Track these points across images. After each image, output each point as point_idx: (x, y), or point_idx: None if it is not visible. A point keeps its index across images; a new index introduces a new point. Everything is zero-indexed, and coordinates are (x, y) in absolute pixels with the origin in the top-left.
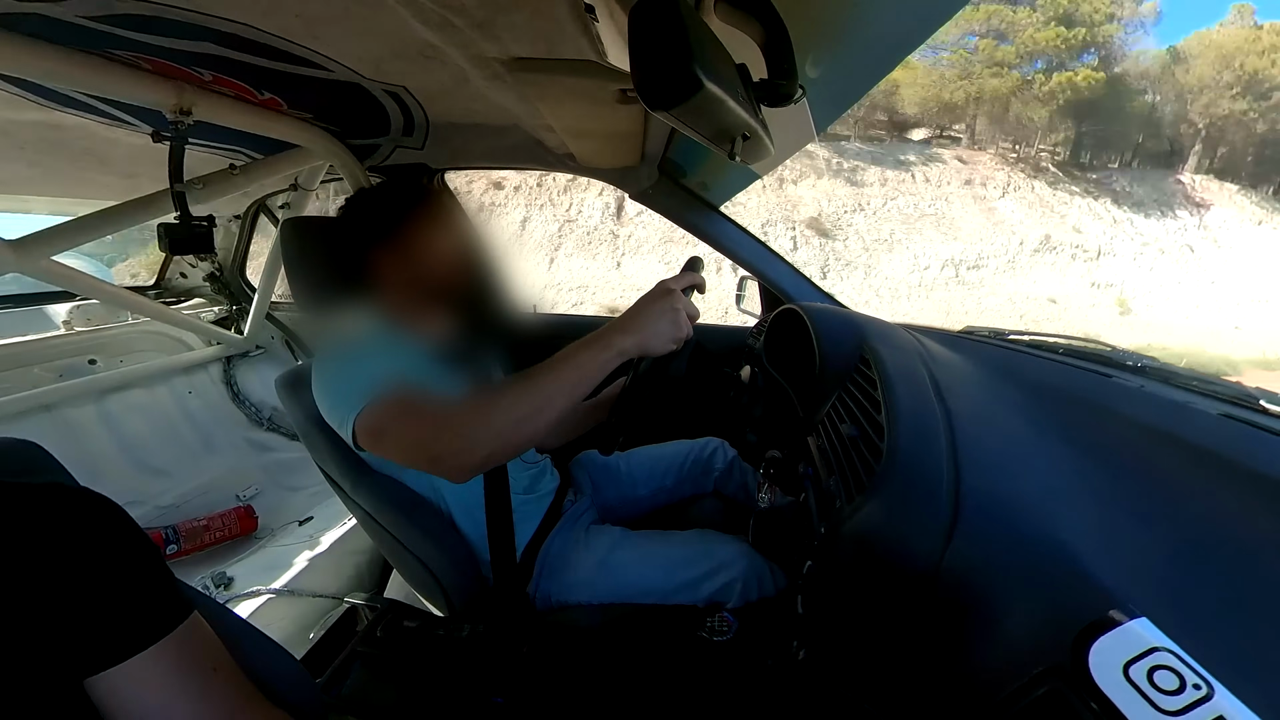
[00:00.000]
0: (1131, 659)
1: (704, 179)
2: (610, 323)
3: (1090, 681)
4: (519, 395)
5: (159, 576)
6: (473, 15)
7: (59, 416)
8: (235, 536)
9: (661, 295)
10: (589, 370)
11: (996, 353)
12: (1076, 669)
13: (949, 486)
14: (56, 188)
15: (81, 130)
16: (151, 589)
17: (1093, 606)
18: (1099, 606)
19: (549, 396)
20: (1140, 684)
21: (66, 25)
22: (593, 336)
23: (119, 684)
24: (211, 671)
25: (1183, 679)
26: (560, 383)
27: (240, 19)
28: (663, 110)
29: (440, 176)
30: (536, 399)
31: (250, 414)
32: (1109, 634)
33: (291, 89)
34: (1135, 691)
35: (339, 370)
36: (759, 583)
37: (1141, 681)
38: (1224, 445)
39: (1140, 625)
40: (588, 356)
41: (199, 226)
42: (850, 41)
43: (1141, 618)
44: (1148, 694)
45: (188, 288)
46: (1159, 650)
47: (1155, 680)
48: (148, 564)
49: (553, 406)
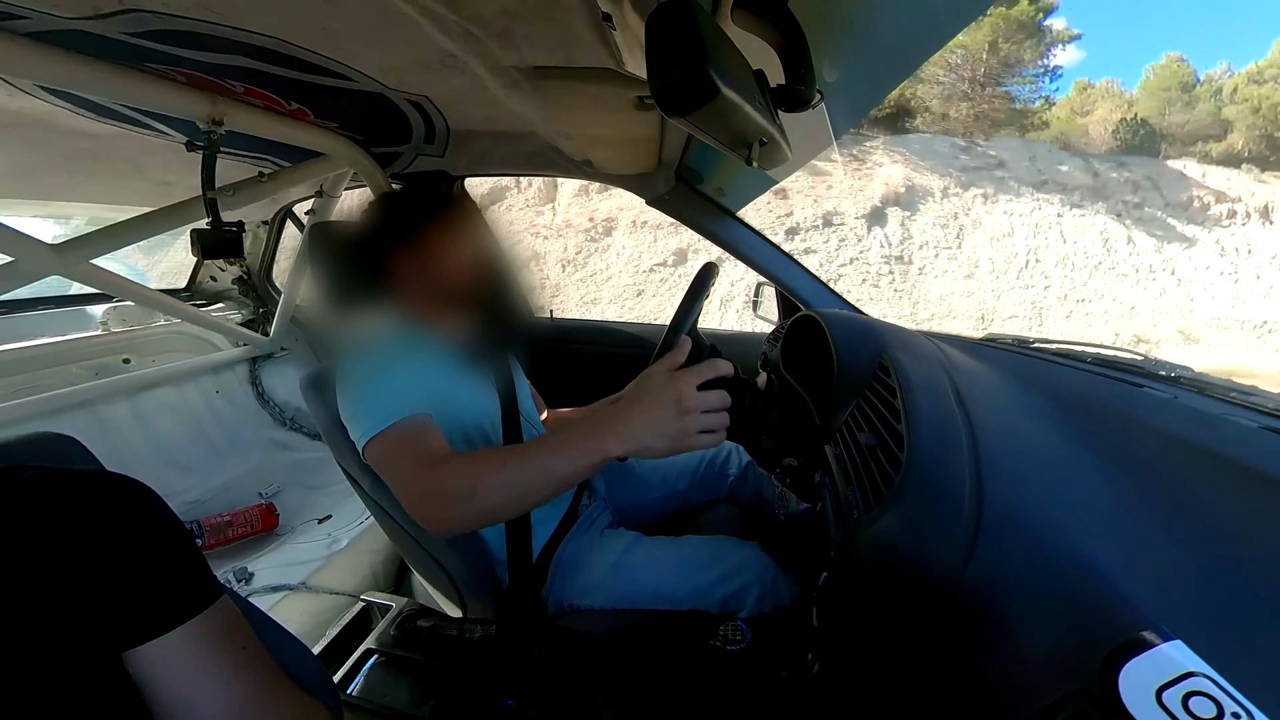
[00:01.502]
0: (1165, 684)
1: (720, 184)
2: (606, 413)
3: (1120, 706)
4: (498, 484)
5: (193, 559)
6: (492, 26)
7: (94, 413)
8: (257, 533)
9: (669, 399)
10: (571, 472)
11: (1021, 361)
12: (1106, 693)
13: (971, 497)
14: (95, 195)
15: (118, 140)
16: (186, 569)
17: (1123, 627)
18: (1130, 627)
19: (529, 488)
20: (1175, 711)
21: (107, 40)
22: (582, 432)
23: (156, 658)
24: (242, 650)
25: (1221, 707)
26: (541, 476)
27: (270, 33)
28: (680, 116)
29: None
30: (515, 491)
31: (274, 414)
32: (1141, 656)
33: (318, 99)
34: (1170, 719)
35: (363, 382)
36: (774, 591)
37: (1176, 708)
38: (1265, 460)
39: (1174, 648)
40: (574, 457)
41: (229, 232)
42: (868, 46)
43: (1176, 640)
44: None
45: (217, 290)
46: (1195, 675)
47: (1191, 707)
48: (183, 547)
49: (528, 501)
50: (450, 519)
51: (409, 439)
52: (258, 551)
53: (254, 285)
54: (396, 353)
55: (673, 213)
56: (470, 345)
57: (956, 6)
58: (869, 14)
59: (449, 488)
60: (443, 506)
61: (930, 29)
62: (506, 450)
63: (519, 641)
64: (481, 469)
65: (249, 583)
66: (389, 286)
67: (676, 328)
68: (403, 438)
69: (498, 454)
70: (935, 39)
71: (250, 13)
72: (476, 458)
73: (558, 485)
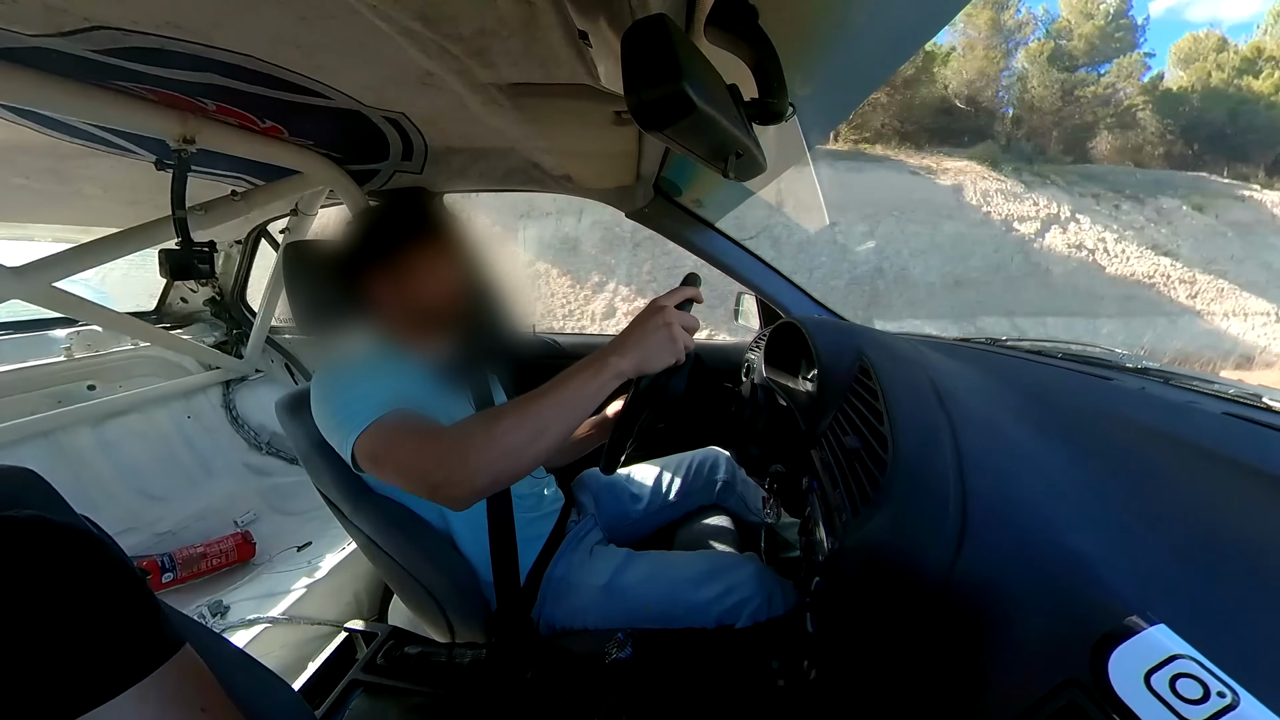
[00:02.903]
0: (1152, 668)
1: (699, 196)
2: (606, 344)
3: (1111, 693)
4: (518, 420)
5: (142, 612)
6: (469, 43)
7: (56, 443)
8: (233, 563)
9: (654, 313)
10: (587, 393)
11: (996, 359)
12: (1096, 680)
13: (956, 495)
14: (59, 215)
15: (85, 159)
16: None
17: (1109, 614)
18: (1115, 614)
19: (547, 421)
20: (1163, 694)
21: (73, 58)
22: (589, 360)
23: None
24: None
25: (1206, 687)
26: (559, 407)
27: (243, 50)
28: (657, 131)
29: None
30: (536, 424)
31: (249, 438)
32: (1128, 642)
33: (293, 117)
34: (1158, 701)
35: (340, 390)
36: (769, 602)
37: (1164, 691)
38: (1229, 444)
39: (1160, 632)
40: (584, 379)
41: (200, 252)
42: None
43: (1160, 624)
44: (1171, 704)
45: (188, 313)
46: (1181, 658)
47: (1178, 689)
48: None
49: (552, 432)
50: (476, 472)
51: (400, 422)
52: (234, 583)
53: (227, 307)
54: (374, 365)
55: (652, 225)
56: (449, 364)
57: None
58: (838, 29)
59: (469, 436)
60: (464, 460)
61: (898, 41)
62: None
63: (511, 665)
64: (496, 413)
65: (224, 616)
66: (366, 307)
67: None
68: (394, 423)
69: (506, 404)
70: (903, 50)
71: (221, 30)
72: (486, 412)
73: (574, 409)
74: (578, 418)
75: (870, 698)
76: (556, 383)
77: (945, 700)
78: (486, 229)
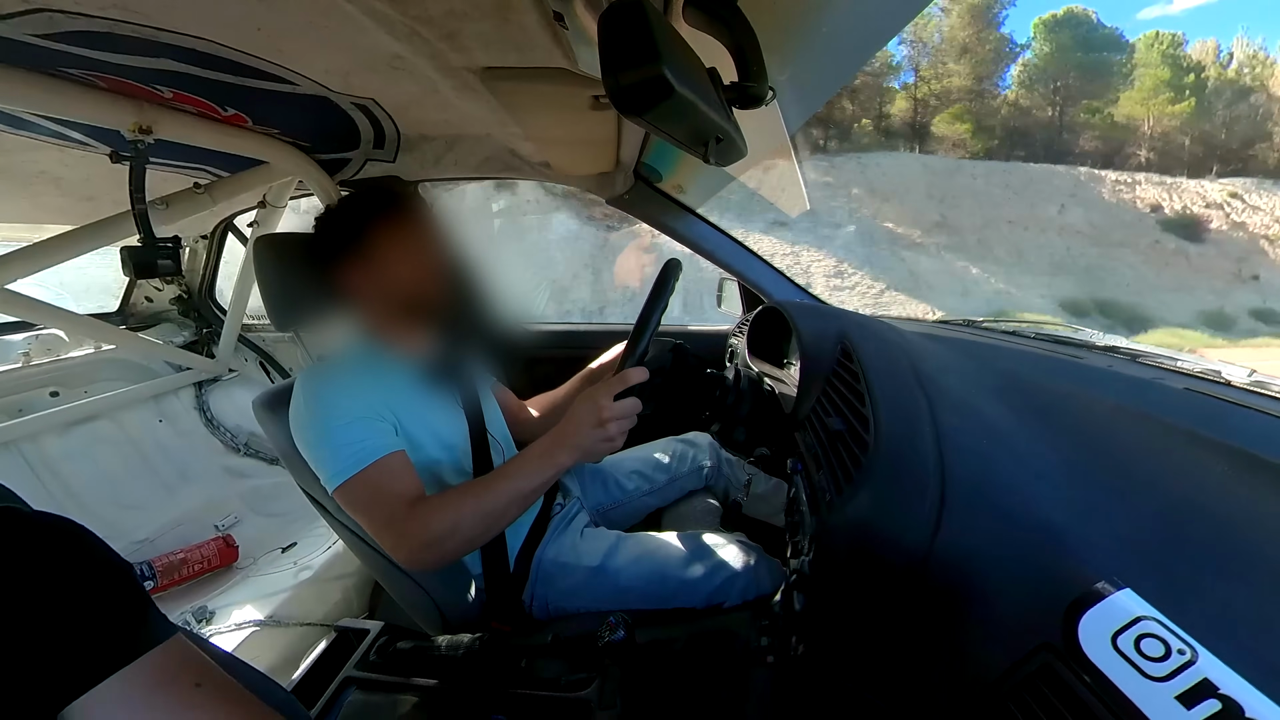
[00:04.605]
0: (1119, 629)
1: (680, 182)
2: (552, 435)
3: (1081, 654)
4: (477, 512)
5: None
6: (440, 25)
7: (18, 453)
8: (215, 568)
9: (590, 411)
10: (538, 485)
11: (972, 341)
12: (1068, 642)
13: (935, 473)
14: (7, 213)
15: (31, 153)
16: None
17: (1079, 581)
18: (1085, 580)
19: (503, 512)
20: (1128, 653)
21: (14, 44)
22: (538, 455)
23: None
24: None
25: (1168, 645)
26: (514, 502)
27: (200, 34)
28: (635, 115)
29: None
30: (494, 518)
31: (226, 440)
32: (1096, 606)
33: (256, 104)
34: (1124, 660)
35: (325, 421)
36: (757, 580)
37: (1129, 650)
38: (1189, 418)
39: (1126, 596)
40: (536, 474)
41: (164, 248)
42: (817, 43)
43: (1126, 589)
44: (1136, 662)
45: (154, 312)
46: (1144, 619)
47: (1142, 648)
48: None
49: (506, 520)
50: (436, 558)
51: (381, 482)
52: (217, 588)
53: (195, 305)
54: (355, 380)
55: (633, 211)
56: (433, 364)
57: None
58: (817, 12)
59: (431, 528)
60: (428, 547)
61: (877, 25)
62: (477, 482)
63: (505, 654)
64: (458, 504)
65: (210, 622)
66: (341, 301)
67: (641, 327)
68: (375, 481)
69: (470, 486)
70: (883, 33)
71: (175, 12)
72: (449, 496)
73: (526, 500)
74: (526, 506)
75: (856, 671)
76: (509, 474)
77: (928, 670)
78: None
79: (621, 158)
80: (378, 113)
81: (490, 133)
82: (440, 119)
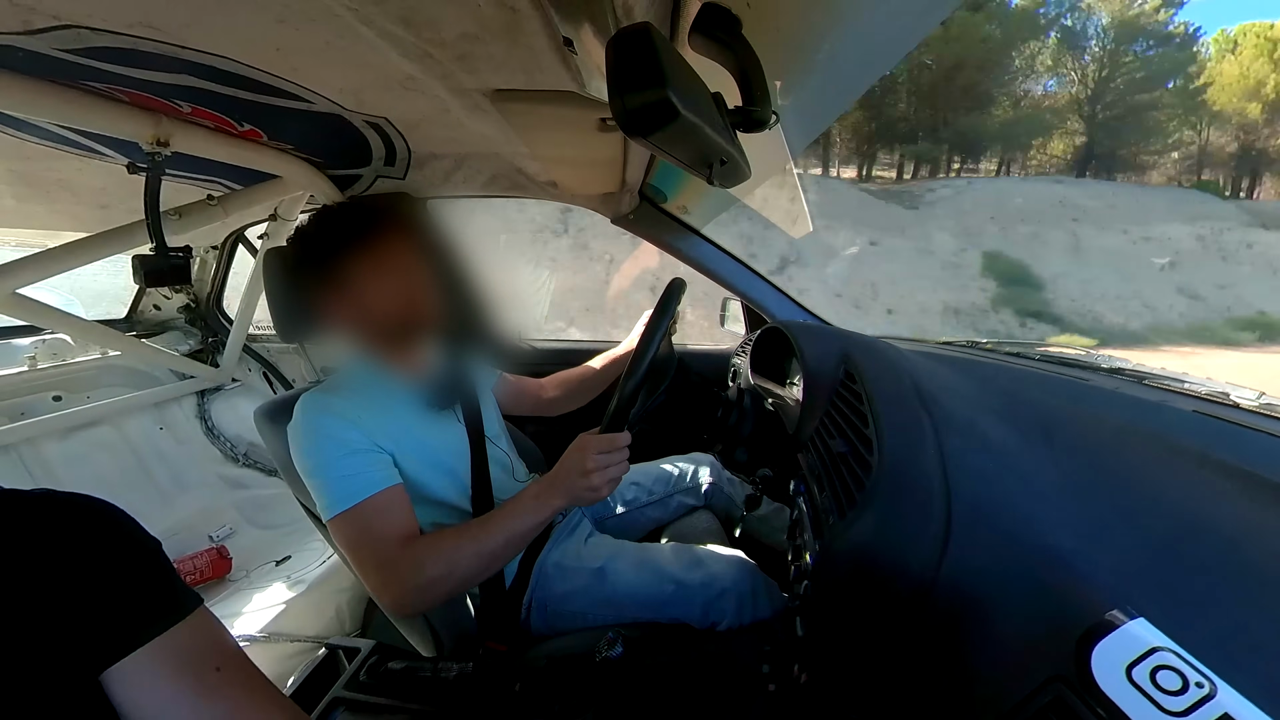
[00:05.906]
0: (1133, 660)
1: (684, 203)
2: (549, 478)
3: (1095, 687)
4: (478, 549)
5: (161, 571)
6: (453, 48)
7: (19, 457)
8: (207, 580)
9: (579, 460)
10: (531, 528)
11: (975, 362)
12: (1080, 674)
13: (940, 496)
14: (23, 219)
15: (51, 160)
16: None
17: (1091, 609)
18: (1097, 609)
19: (498, 556)
20: (1144, 686)
21: (41, 57)
22: (531, 499)
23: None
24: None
25: (1185, 678)
26: (508, 546)
27: (220, 51)
28: (641, 137)
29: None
30: (489, 561)
31: (225, 449)
32: (1109, 636)
33: (272, 121)
34: (1140, 694)
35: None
36: (753, 596)
37: (1145, 683)
38: (1197, 440)
39: (1139, 625)
40: (529, 517)
41: (175, 258)
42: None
43: (1139, 618)
44: (1152, 696)
45: (161, 320)
46: (1160, 650)
47: (1159, 681)
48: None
49: (499, 563)
50: (427, 601)
51: (375, 518)
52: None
53: (202, 314)
54: (353, 407)
55: (638, 231)
56: (432, 386)
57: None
58: (820, 39)
59: (426, 570)
60: (419, 590)
61: (879, 52)
62: (474, 523)
63: (498, 678)
64: (455, 544)
65: None
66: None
67: (644, 346)
68: (369, 517)
69: (467, 528)
70: (884, 61)
71: (197, 31)
72: (445, 536)
73: (521, 542)
74: (521, 547)
75: (861, 700)
76: (504, 517)
77: (935, 700)
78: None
79: (627, 178)
80: (389, 131)
81: (499, 152)
82: (450, 137)
